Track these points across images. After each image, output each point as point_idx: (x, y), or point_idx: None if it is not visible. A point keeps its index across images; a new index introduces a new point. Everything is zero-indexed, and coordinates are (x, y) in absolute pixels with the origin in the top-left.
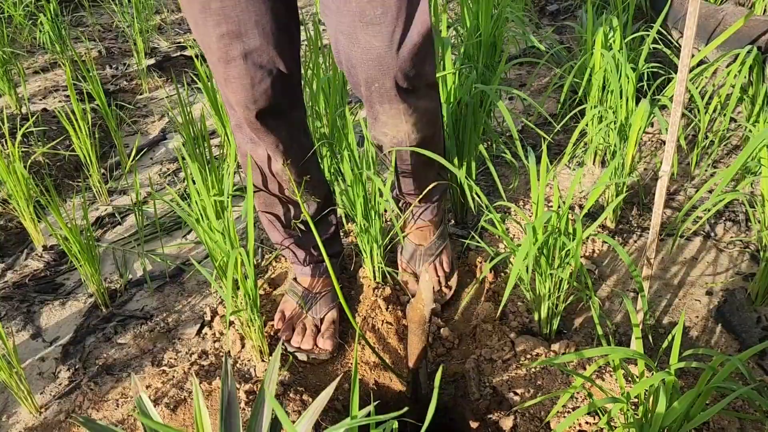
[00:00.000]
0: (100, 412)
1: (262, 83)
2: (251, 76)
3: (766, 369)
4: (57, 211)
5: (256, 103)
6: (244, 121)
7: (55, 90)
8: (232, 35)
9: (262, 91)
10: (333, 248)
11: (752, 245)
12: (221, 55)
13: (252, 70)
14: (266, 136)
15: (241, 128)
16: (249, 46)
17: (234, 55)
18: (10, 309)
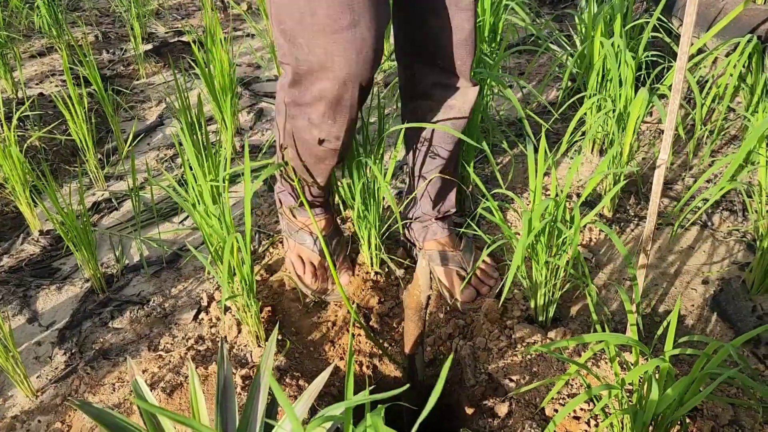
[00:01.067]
0: (97, 396)
1: (367, 56)
2: (357, 48)
3: (761, 357)
4: (53, 195)
5: (359, 76)
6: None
7: (52, 74)
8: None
9: (367, 65)
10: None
11: (749, 235)
12: (327, 24)
13: (359, 42)
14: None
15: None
16: (358, 17)
17: (343, 25)
18: (6, 293)
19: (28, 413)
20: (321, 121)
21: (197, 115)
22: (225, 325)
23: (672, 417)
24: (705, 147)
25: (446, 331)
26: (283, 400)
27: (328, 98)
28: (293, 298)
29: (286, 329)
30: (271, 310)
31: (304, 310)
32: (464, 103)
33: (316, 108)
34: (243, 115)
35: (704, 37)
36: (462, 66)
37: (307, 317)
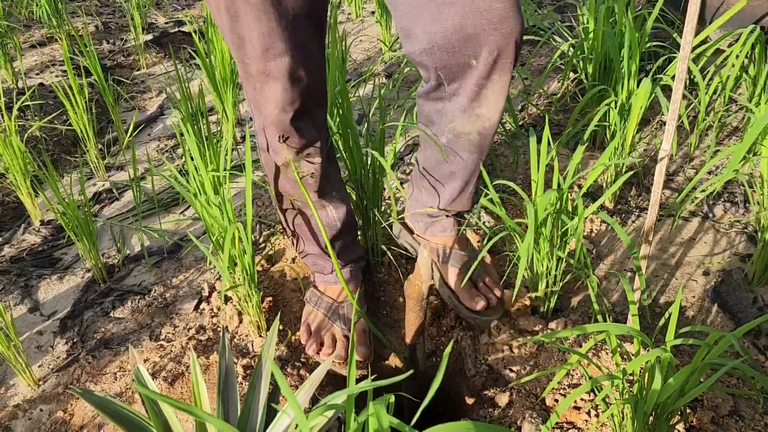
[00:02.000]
0: (98, 385)
1: (300, 82)
2: (291, 73)
3: (761, 348)
4: (54, 185)
5: (293, 104)
6: (277, 124)
7: (52, 64)
8: (274, 31)
9: (300, 91)
10: (354, 253)
11: (750, 226)
12: (263, 51)
13: (293, 66)
14: (296, 138)
15: (268, 130)
16: (289, 45)
17: (274, 54)
18: (8, 283)
19: (30, 402)
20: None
21: (198, 105)
22: (226, 315)
23: (673, 407)
24: (707, 139)
25: (448, 322)
26: (285, 387)
27: (269, 125)
28: (294, 288)
29: (288, 319)
30: (272, 300)
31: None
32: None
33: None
34: (244, 106)
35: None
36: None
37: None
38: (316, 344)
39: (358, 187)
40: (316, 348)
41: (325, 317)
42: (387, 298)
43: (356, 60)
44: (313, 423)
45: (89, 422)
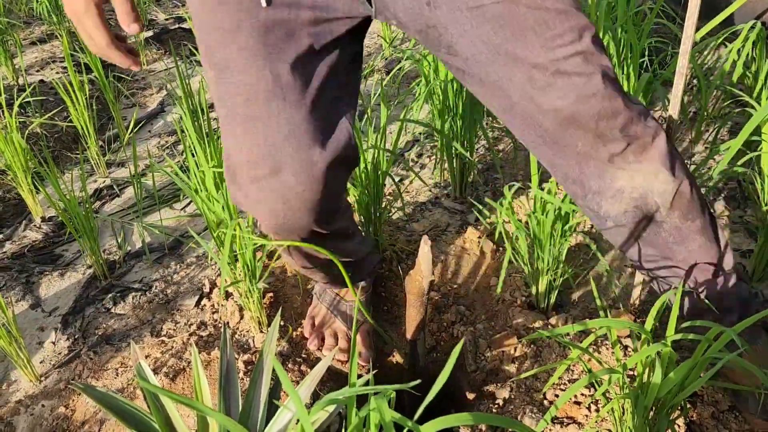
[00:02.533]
0: (100, 381)
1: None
2: (282, 197)
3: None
4: (55, 182)
5: (293, 227)
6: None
7: (52, 61)
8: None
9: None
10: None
11: (750, 222)
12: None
13: (284, 191)
14: (297, 252)
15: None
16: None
17: (262, 174)
18: (9, 279)
19: (31, 398)
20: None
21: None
22: (227, 310)
23: (673, 402)
24: (707, 134)
25: (449, 318)
26: (286, 382)
27: (272, 236)
28: (295, 284)
29: (288, 315)
30: (273, 296)
31: (306, 296)
32: None
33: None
34: None
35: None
36: None
37: (310, 303)
38: (318, 340)
39: (359, 183)
40: (318, 344)
41: (328, 311)
42: (388, 294)
43: None
44: (314, 418)
45: (91, 418)
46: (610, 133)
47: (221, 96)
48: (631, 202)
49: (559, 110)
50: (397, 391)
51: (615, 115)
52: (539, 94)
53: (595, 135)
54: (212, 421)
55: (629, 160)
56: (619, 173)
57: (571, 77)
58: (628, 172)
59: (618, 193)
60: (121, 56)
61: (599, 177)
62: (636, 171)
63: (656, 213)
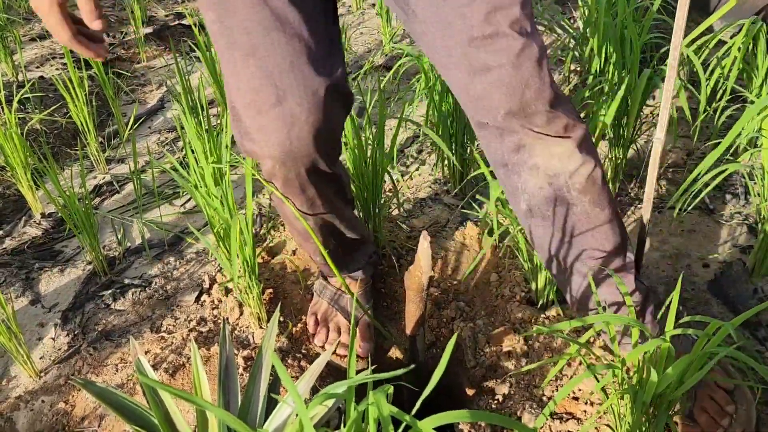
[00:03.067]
0: (100, 377)
1: (301, 134)
2: (287, 125)
3: (761, 339)
4: (55, 178)
5: (297, 159)
6: (279, 176)
7: (52, 57)
8: (264, 76)
9: (303, 143)
10: (365, 253)
11: (751, 217)
12: (252, 100)
13: (288, 119)
14: (300, 195)
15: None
16: (283, 92)
17: (268, 103)
18: (9, 275)
19: (31, 393)
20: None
21: (198, 98)
22: (227, 306)
23: (672, 396)
24: (708, 130)
25: (448, 314)
26: (285, 377)
27: (276, 177)
28: (294, 280)
29: (288, 311)
30: (273, 292)
31: (306, 292)
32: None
33: (275, 185)
34: None
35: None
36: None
37: (309, 300)
38: (324, 334)
39: (358, 179)
40: (324, 337)
41: (329, 306)
42: (387, 290)
43: (356, 52)
44: (313, 413)
45: (90, 413)
46: (535, 104)
47: (222, 34)
48: (545, 179)
49: (491, 70)
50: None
51: (542, 89)
52: (474, 53)
53: (521, 103)
54: (212, 416)
55: (548, 136)
56: (537, 149)
57: (507, 39)
58: (545, 149)
59: (534, 167)
60: (83, 48)
61: (517, 151)
62: (553, 149)
63: (568, 194)
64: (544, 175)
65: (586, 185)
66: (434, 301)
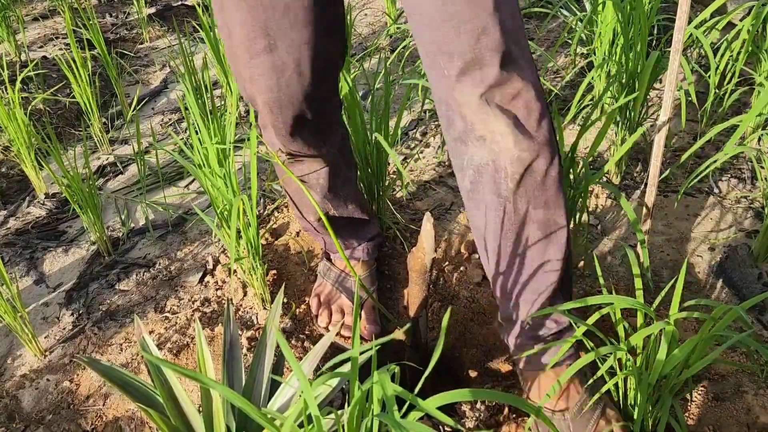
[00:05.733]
0: (104, 356)
1: (290, 81)
2: (277, 72)
3: (765, 324)
4: (59, 158)
5: (282, 107)
6: (273, 130)
7: (55, 37)
8: (254, 22)
9: (292, 91)
10: (369, 232)
11: (757, 202)
12: (245, 47)
13: (278, 67)
14: (290, 144)
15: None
16: (274, 40)
17: (258, 49)
18: (13, 255)
19: (36, 372)
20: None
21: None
22: (231, 287)
23: (676, 380)
24: (716, 114)
25: (450, 293)
26: (290, 356)
27: (267, 126)
28: (298, 262)
29: (292, 293)
30: (277, 273)
31: (310, 273)
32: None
33: (266, 134)
34: None
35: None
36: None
37: (313, 281)
38: (327, 315)
39: (362, 161)
40: (327, 319)
41: (333, 288)
42: (391, 272)
43: (361, 34)
44: (317, 392)
45: (95, 392)
46: (490, 55)
47: None
48: (490, 154)
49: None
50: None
51: (499, 43)
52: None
53: (475, 50)
54: (216, 395)
55: (496, 101)
56: (482, 116)
57: None
58: (491, 119)
59: (481, 139)
60: None
61: (464, 117)
62: (497, 122)
63: (502, 183)
64: (489, 150)
65: (524, 176)
66: (439, 285)
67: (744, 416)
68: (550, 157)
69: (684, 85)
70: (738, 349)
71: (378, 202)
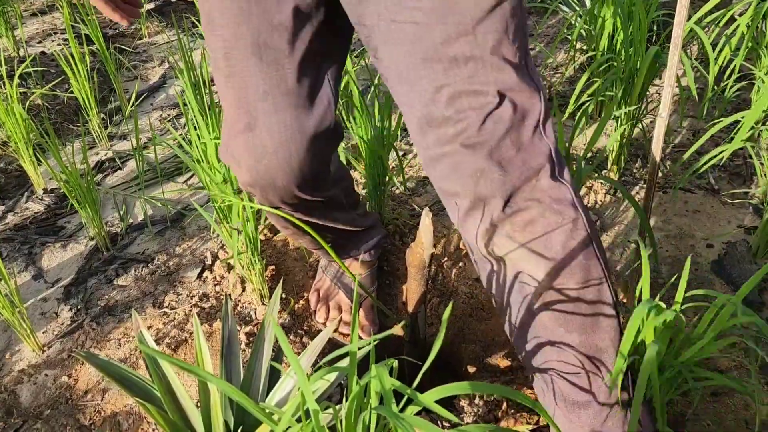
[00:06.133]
0: (103, 351)
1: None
2: (256, 155)
3: (764, 320)
4: (57, 153)
5: (268, 187)
6: (255, 195)
7: (53, 33)
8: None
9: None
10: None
11: (756, 198)
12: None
13: (258, 149)
14: (277, 220)
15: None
16: (254, 120)
17: (240, 128)
18: (12, 250)
19: (34, 367)
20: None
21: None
22: (229, 283)
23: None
24: (716, 110)
25: (449, 289)
26: (288, 350)
27: (252, 194)
28: (297, 257)
29: (290, 288)
30: (275, 269)
31: (308, 269)
32: None
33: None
34: None
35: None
36: None
37: (311, 277)
38: (324, 311)
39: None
40: (325, 315)
41: (332, 284)
42: (389, 267)
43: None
44: (315, 387)
45: (93, 387)
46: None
47: (208, 46)
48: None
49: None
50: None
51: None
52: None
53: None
54: (214, 389)
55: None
56: (495, 240)
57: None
58: (504, 244)
59: (495, 260)
60: (111, 13)
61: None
62: (511, 248)
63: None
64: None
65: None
66: (438, 281)
67: (743, 411)
68: (584, 273)
69: (684, 81)
70: (737, 345)
71: (378, 198)
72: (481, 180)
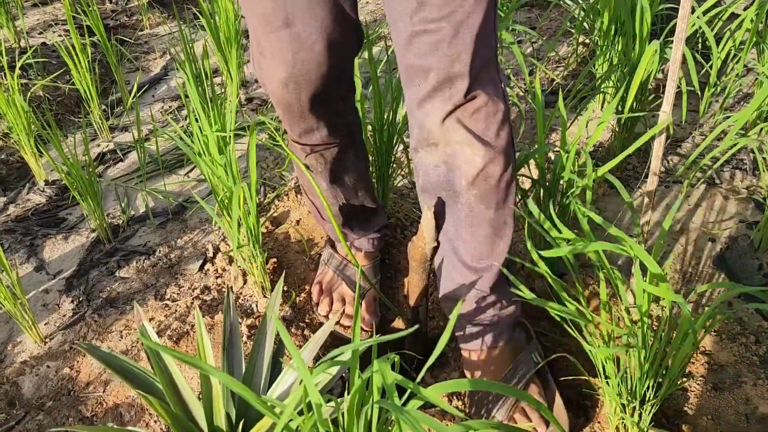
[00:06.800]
0: (104, 343)
1: (305, 58)
2: (293, 48)
3: (765, 315)
4: (58, 145)
5: (301, 80)
6: (281, 102)
7: (55, 23)
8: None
9: (307, 68)
10: (375, 224)
11: (758, 192)
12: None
13: (295, 43)
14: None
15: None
16: (292, 16)
17: (277, 24)
18: (13, 242)
19: (36, 359)
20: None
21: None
22: (231, 275)
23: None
24: (716, 104)
25: None
26: (289, 343)
27: (280, 104)
28: (298, 250)
29: (292, 281)
30: (277, 262)
31: (310, 262)
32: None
33: (281, 115)
34: (248, 67)
35: None
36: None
37: (313, 270)
38: (327, 303)
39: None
40: (328, 307)
41: (335, 276)
42: (391, 261)
43: (363, 21)
44: (317, 380)
45: (95, 379)
46: (461, 79)
47: None
48: (442, 156)
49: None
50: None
51: (471, 68)
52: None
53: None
54: (216, 382)
55: (457, 116)
56: (442, 129)
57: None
58: (449, 132)
59: (433, 145)
60: None
61: (422, 127)
62: (455, 133)
63: (456, 182)
64: (443, 153)
65: (477, 179)
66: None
67: (743, 406)
68: (504, 164)
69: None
70: (737, 340)
71: (382, 190)
72: (456, 61)
